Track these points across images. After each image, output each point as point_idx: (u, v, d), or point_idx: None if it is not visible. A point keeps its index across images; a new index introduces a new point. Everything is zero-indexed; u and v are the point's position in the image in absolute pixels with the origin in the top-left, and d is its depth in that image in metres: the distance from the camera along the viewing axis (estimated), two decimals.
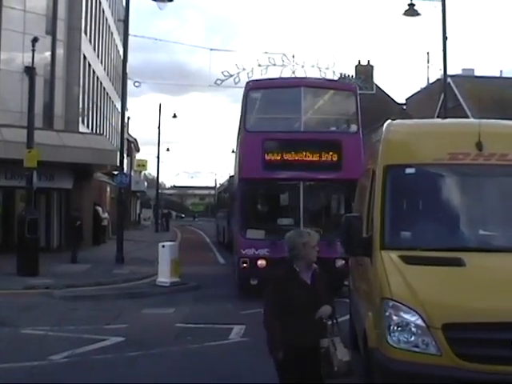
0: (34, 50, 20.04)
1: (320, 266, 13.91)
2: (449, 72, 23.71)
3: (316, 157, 15.46)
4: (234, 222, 18.45)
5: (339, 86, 17.07)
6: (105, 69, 39.04)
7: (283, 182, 15.85)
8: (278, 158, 15.47)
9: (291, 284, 5.71)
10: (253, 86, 16.77)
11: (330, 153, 15.44)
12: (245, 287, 15.37)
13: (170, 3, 22.18)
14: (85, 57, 31.40)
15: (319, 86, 17.39)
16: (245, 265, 15.13)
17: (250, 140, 15.88)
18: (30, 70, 20.37)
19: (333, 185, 16.01)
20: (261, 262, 14.90)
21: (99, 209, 32.33)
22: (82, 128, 30.68)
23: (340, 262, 14.18)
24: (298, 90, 16.05)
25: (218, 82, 24.49)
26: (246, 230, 15.58)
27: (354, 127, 16.17)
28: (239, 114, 17.32)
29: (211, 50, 27.77)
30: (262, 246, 14.99)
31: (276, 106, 17.21)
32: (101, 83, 37.02)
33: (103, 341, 10.46)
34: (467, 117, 30.35)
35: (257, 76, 22.29)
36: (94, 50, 34.73)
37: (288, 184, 15.86)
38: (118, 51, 40.55)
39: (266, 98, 16.94)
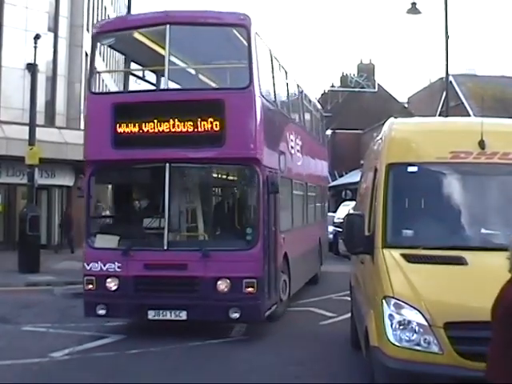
0: (36, 47, 20.06)
1: (186, 289, 10.29)
2: (451, 71, 23.67)
3: (188, 126, 10.43)
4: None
5: (222, 19, 11.17)
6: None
7: (142, 164, 10.91)
8: (135, 129, 10.59)
9: None
10: (101, 29, 11.62)
11: (210, 119, 10.32)
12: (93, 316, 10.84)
13: None
14: (87, 54, 31.36)
15: (193, 21, 11.23)
16: (90, 286, 10.61)
17: (95, 105, 11.22)
18: (31, 67, 20.42)
19: (214, 167, 11.36)
20: (110, 283, 10.48)
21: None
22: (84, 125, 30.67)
23: (224, 285, 10.14)
24: (163, 30, 10.79)
25: None
26: (93, 236, 11.07)
27: (243, 80, 10.67)
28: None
29: None
30: (113, 259, 10.51)
31: (132, 55, 12.80)
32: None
33: (104, 338, 10.47)
34: (469, 115, 30.38)
35: None
36: None
37: (149, 168, 11.04)
38: None
39: (120, 44, 12.35)
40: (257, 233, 10.40)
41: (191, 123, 10.42)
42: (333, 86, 56.39)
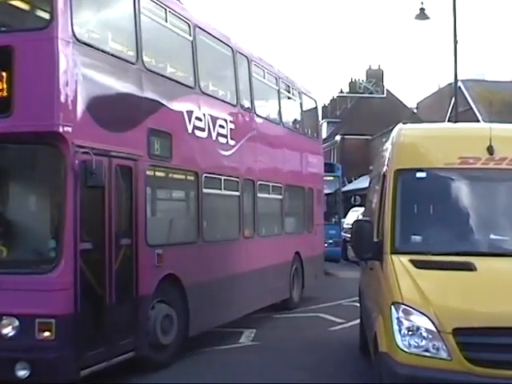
0: None
1: None
2: (459, 76, 23.65)
3: None
4: None
5: None
6: None
7: None
8: None
9: None
10: None
11: None
12: None
13: None
14: None
15: None
16: None
17: None
18: None
19: (2, 147, 7.49)
20: None
21: None
22: None
23: (8, 326, 6.87)
24: None
25: None
26: None
27: (44, 16, 7.60)
28: None
29: None
30: None
31: None
32: None
33: None
34: (478, 121, 30.34)
35: None
36: None
37: None
38: None
39: None
40: (60, 247, 7.03)
41: None
42: (341, 92, 56.42)
